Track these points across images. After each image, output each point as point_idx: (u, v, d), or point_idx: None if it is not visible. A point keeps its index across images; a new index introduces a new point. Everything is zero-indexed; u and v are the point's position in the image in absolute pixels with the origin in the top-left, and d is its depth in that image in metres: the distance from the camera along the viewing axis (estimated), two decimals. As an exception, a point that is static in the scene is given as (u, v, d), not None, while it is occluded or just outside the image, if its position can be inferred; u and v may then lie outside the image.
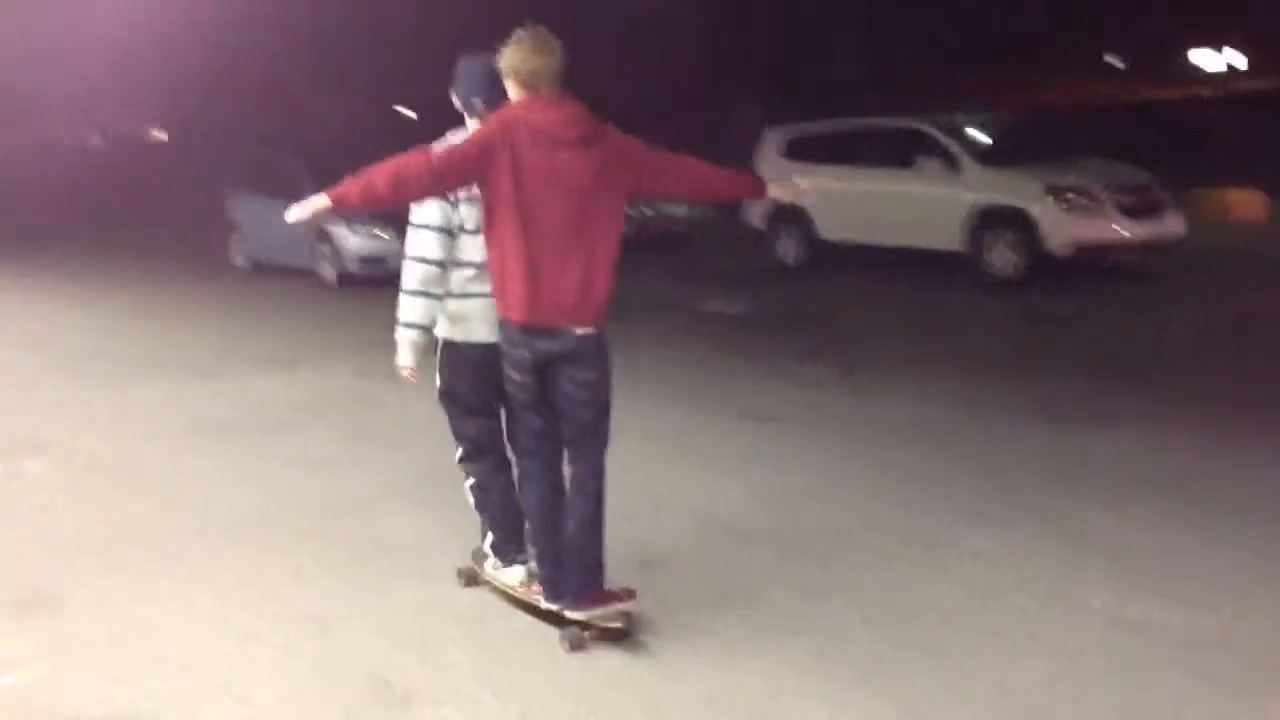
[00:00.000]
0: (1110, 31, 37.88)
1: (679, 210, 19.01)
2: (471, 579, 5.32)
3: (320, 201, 4.40)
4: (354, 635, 4.93)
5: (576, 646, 4.66)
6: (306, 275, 16.27)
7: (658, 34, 35.83)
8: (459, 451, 5.12)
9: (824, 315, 13.20)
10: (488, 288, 4.63)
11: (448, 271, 4.75)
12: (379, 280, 15.54)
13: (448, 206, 4.66)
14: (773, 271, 16.85)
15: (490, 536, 5.12)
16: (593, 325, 4.53)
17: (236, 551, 5.94)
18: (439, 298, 4.78)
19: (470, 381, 4.90)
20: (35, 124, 53.09)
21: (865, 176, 16.08)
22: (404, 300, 4.80)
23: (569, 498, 4.72)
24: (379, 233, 15.60)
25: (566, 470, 4.82)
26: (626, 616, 4.69)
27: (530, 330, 4.49)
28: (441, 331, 4.88)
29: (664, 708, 4.27)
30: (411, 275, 4.76)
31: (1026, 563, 5.57)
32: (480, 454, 5.05)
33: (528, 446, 4.79)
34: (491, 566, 5.16)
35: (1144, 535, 5.91)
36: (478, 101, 4.70)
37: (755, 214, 17.54)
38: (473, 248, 4.68)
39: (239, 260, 18.02)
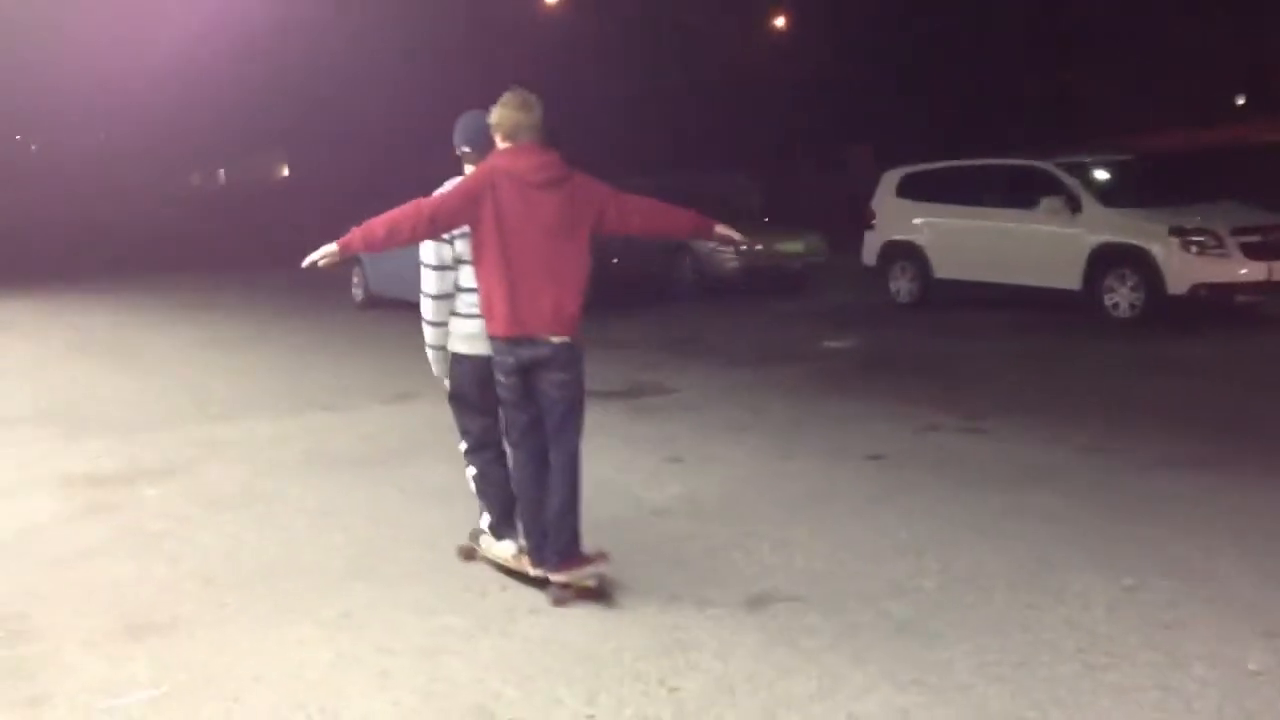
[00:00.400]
0: (1237, 71, 36.93)
1: (794, 247, 18.89)
2: (469, 555, 6.16)
3: (330, 248, 5.34)
4: (467, 668, 4.85)
5: (560, 603, 5.48)
6: (417, 309, 16.39)
7: (766, 81, 35.87)
8: (463, 445, 5.98)
9: (943, 355, 12.92)
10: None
11: (448, 300, 5.63)
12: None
13: (443, 245, 5.51)
14: (886, 309, 16.65)
15: (487, 517, 5.96)
16: (567, 335, 5.33)
17: (352, 583, 5.93)
18: (444, 324, 5.70)
19: (474, 387, 5.73)
20: (165, 165, 54.99)
21: (983, 215, 15.88)
22: (424, 328, 5.78)
23: (551, 481, 5.48)
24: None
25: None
26: (599, 577, 5.54)
27: (513, 340, 5.33)
28: (451, 346, 5.74)
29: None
30: (425, 307, 5.73)
31: (1160, 615, 5.29)
32: (482, 447, 5.89)
33: (516, 439, 5.61)
34: (486, 543, 6.00)
35: (1292, 588, 5.59)
36: (466, 149, 5.63)
37: (870, 252, 17.44)
38: (473, 276, 5.47)
39: (358, 295, 18.30)
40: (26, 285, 20.94)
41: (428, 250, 5.53)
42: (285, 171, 57.76)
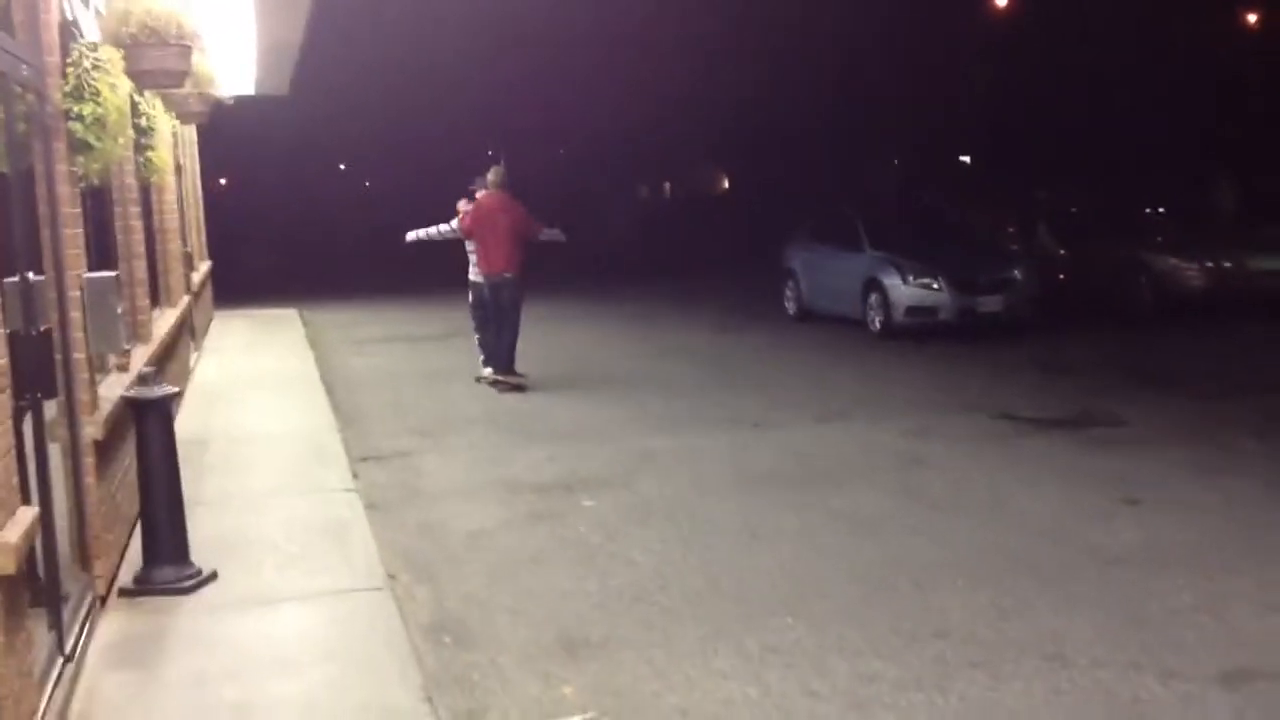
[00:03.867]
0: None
1: (1272, 263, 16.80)
2: (478, 380, 12.60)
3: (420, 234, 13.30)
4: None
5: (503, 391, 12.12)
6: (851, 325, 16.16)
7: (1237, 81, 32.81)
8: (474, 323, 12.94)
9: None
10: (475, 259, 12.55)
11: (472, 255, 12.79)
12: (926, 331, 15.15)
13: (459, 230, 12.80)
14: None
15: (482, 357, 12.73)
16: (511, 273, 12.23)
17: (779, 614, 5.72)
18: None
19: (476, 296, 12.74)
20: (615, 177, 57.84)
21: None
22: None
23: (499, 337, 12.43)
24: (931, 282, 15.20)
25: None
26: (521, 379, 12.38)
27: (487, 276, 12.37)
28: (472, 278, 12.69)
29: None
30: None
31: None
32: (481, 326, 12.79)
33: (484, 322, 12.65)
34: (481, 371, 12.66)
35: None
36: (472, 189, 12.52)
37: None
38: (471, 246, 12.58)
39: (791, 309, 18.28)
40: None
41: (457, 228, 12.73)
42: (725, 184, 59.24)
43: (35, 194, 5.47)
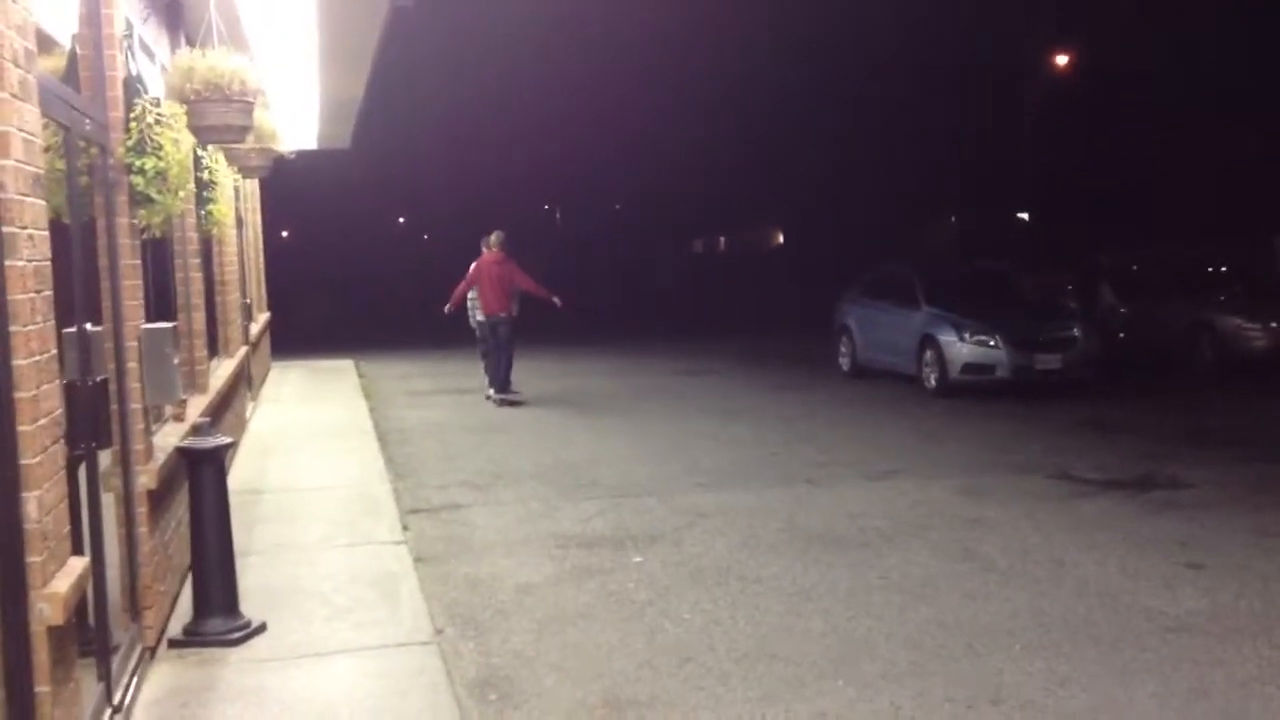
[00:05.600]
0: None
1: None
2: (487, 399, 15.79)
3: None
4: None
5: (500, 405, 15.48)
6: (905, 381, 16.03)
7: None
8: (480, 355, 16.43)
9: None
10: (479, 304, 16.00)
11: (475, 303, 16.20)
12: (983, 389, 14.98)
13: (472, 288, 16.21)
14: None
15: (489, 381, 15.89)
16: (505, 314, 15.65)
17: (830, 679, 5.62)
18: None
19: (481, 334, 16.17)
20: (672, 232, 58.11)
21: None
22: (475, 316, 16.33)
23: (498, 364, 15.82)
24: (988, 340, 15.06)
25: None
26: (518, 399, 15.66)
27: (488, 317, 15.79)
28: (475, 320, 16.23)
29: None
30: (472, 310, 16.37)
31: None
32: (486, 356, 16.19)
33: (487, 353, 16.12)
34: (488, 394, 15.86)
35: None
36: (483, 246, 15.87)
37: None
38: (476, 294, 15.97)
39: (845, 364, 18.16)
40: (539, 348, 22.60)
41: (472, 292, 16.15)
42: (780, 239, 59.30)
43: (96, 245, 5.56)
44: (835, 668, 5.77)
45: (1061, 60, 35.38)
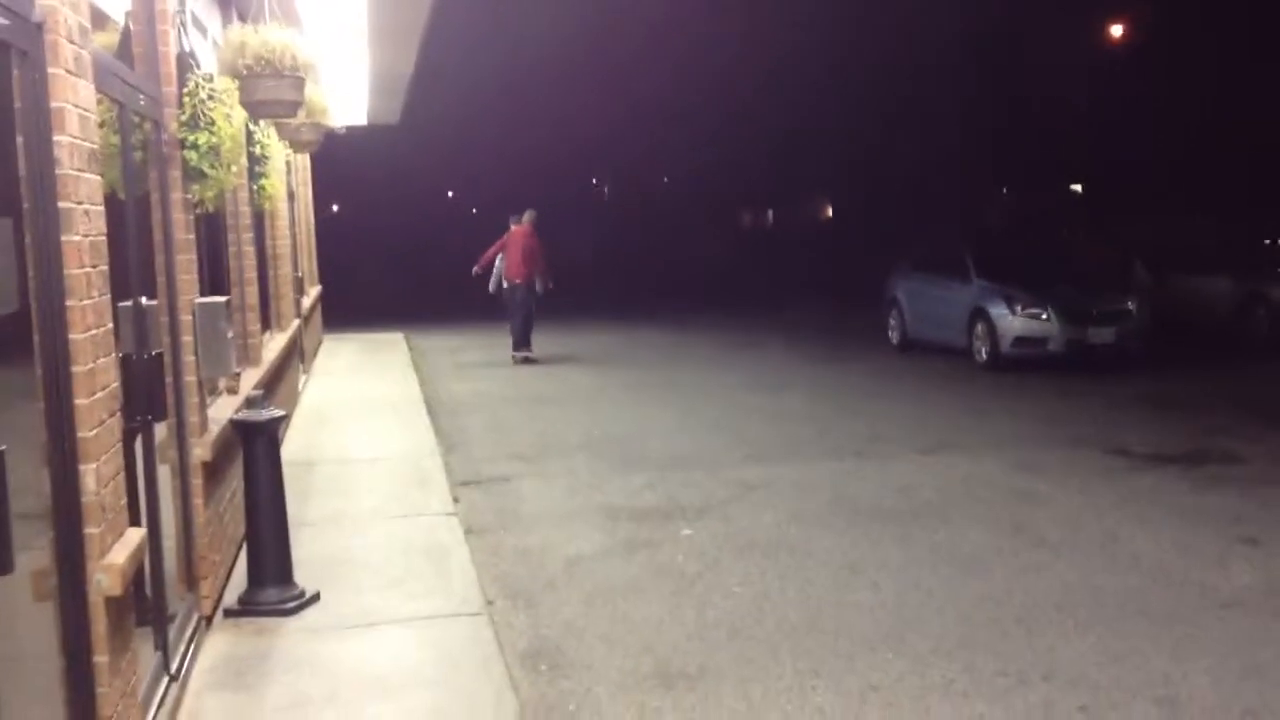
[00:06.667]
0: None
1: None
2: (514, 360, 17.30)
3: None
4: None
5: (519, 362, 17.20)
6: (955, 355, 15.90)
7: None
8: (508, 316, 17.73)
9: None
10: (501, 268, 17.69)
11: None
12: (1034, 362, 14.84)
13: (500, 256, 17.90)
14: None
15: (513, 341, 17.38)
16: (521, 281, 17.20)
17: (879, 651, 5.62)
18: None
19: (505, 298, 17.53)
20: (719, 205, 57.93)
21: None
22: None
23: (515, 323, 17.42)
24: (1040, 313, 14.90)
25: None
26: (530, 354, 17.40)
27: (509, 281, 17.40)
28: (502, 284, 17.80)
29: None
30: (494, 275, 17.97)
31: None
32: (510, 316, 17.54)
33: (511, 311, 17.58)
34: (512, 353, 17.46)
35: None
36: (511, 223, 17.69)
37: None
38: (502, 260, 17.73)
39: (894, 338, 18.06)
40: (588, 322, 22.58)
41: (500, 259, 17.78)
42: (829, 213, 58.89)
43: (150, 220, 5.62)
44: (885, 641, 5.76)
45: (1116, 30, 34.79)
